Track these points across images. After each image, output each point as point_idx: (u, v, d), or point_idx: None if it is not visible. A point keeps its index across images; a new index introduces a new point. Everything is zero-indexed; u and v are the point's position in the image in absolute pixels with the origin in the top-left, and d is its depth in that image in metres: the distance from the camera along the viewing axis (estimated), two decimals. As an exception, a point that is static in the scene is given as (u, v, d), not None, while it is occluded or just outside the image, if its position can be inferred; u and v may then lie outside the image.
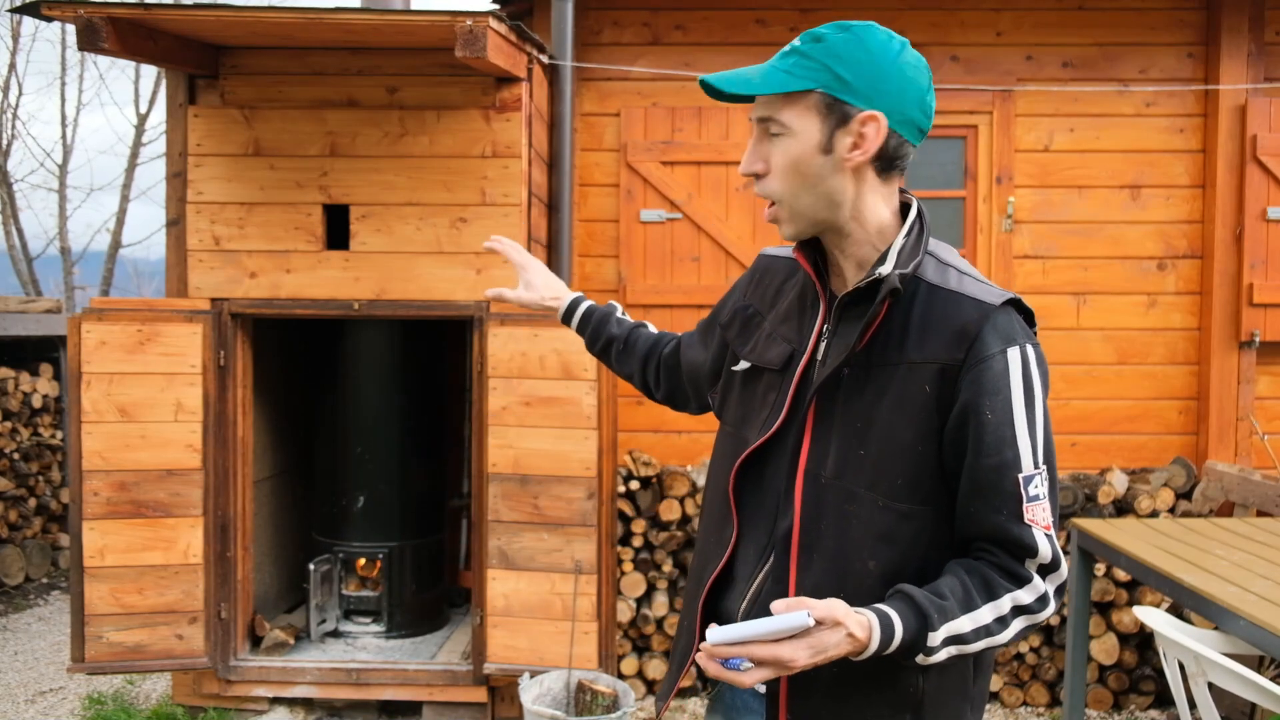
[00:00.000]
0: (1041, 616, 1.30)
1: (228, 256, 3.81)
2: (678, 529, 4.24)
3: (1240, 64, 4.37)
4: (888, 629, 1.21)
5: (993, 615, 1.27)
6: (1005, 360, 1.29)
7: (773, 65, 1.34)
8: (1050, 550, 1.28)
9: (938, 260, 1.38)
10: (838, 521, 1.34)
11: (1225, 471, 4.13)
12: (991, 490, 1.28)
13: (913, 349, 1.32)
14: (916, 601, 1.24)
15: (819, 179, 1.33)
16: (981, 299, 1.32)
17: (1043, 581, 1.29)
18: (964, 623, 1.25)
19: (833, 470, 1.35)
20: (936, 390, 1.30)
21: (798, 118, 1.31)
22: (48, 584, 6.04)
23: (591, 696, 3.53)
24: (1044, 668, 4.20)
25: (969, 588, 1.27)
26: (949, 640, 1.24)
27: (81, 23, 3.21)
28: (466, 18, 3.23)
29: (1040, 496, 1.29)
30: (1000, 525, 1.28)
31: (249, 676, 3.88)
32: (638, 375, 1.86)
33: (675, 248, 4.46)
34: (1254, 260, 4.34)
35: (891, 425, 1.32)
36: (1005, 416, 1.28)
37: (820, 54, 1.31)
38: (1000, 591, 1.27)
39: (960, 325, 1.31)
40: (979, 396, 1.28)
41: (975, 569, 1.29)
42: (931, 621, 1.22)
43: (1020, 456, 1.28)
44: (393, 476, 4.32)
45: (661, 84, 4.48)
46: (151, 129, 14.96)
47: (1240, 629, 2.51)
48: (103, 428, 3.66)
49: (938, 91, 4.41)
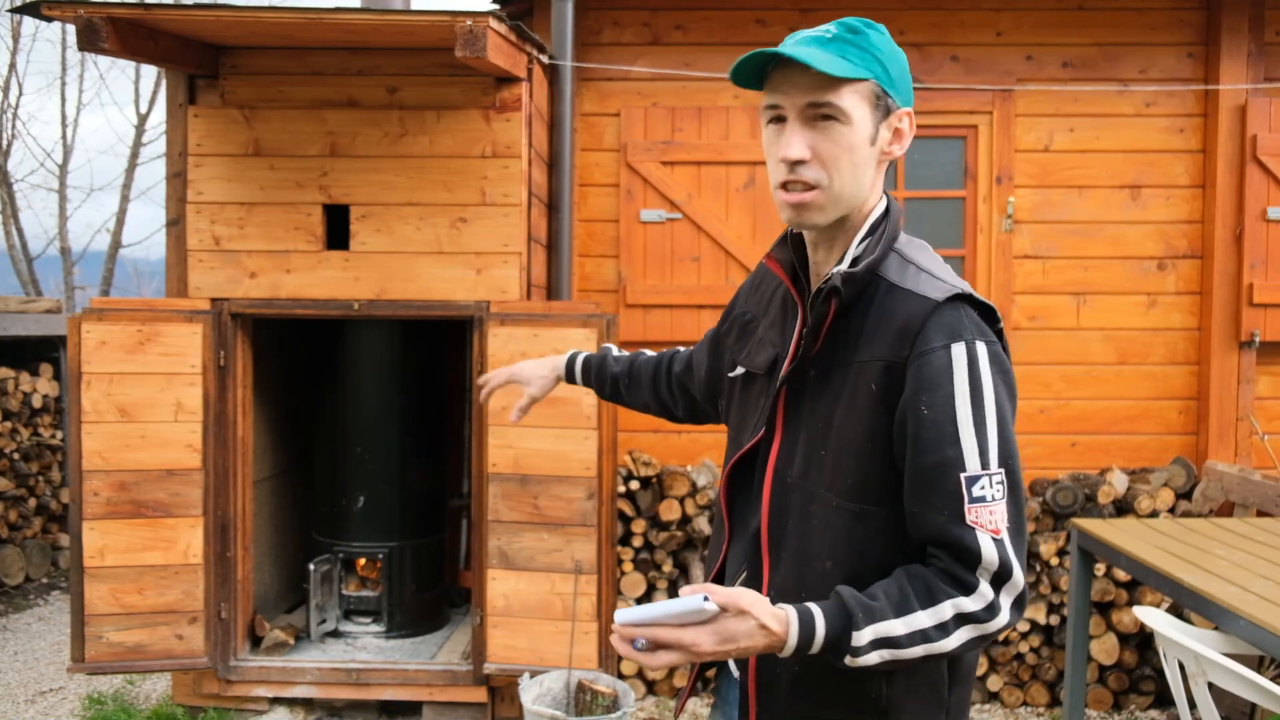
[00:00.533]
0: (991, 627, 1.23)
1: (228, 256, 3.81)
2: (678, 529, 4.24)
3: (1240, 64, 4.37)
4: (807, 625, 1.19)
5: (931, 621, 1.21)
6: (948, 355, 1.25)
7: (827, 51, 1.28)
8: (998, 557, 1.22)
9: (902, 257, 1.36)
10: (801, 521, 1.35)
11: (1225, 471, 4.13)
12: (931, 489, 1.24)
13: (863, 348, 1.32)
14: (844, 600, 1.22)
15: (863, 168, 1.33)
16: (926, 294, 1.29)
17: (992, 590, 1.23)
18: (896, 625, 1.20)
19: (799, 470, 1.36)
20: (883, 388, 1.29)
21: (854, 105, 1.30)
22: (48, 584, 6.04)
23: (591, 696, 3.53)
24: (1044, 668, 4.20)
25: (906, 591, 1.23)
26: (877, 642, 1.20)
27: (81, 23, 3.21)
28: (466, 18, 3.23)
29: (988, 499, 1.22)
30: (941, 526, 1.23)
31: (249, 676, 3.88)
32: (653, 401, 1.86)
33: (675, 248, 4.46)
34: (1254, 260, 4.34)
35: (844, 425, 1.31)
36: (946, 413, 1.24)
37: (868, 46, 1.31)
38: (941, 597, 1.22)
39: (904, 321, 1.29)
40: (918, 392, 1.26)
41: (918, 573, 1.25)
42: (856, 620, 1.20)
43: (963, 455, 1.23)
44: (393, 476, 4.32)
45: (661, 84, 4.48)
46: (151, 129, 14.97)
47: (1240, 629, 2.51)
48: (103, 428, 3.66)
49: (938, 92, 4.43)
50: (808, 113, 1.30)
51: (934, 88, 4.44)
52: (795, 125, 1.31)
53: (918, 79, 4.44)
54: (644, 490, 4.23)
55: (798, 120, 1.31)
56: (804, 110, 1.30)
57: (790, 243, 1.46)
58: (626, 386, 1.88)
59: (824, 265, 1.41)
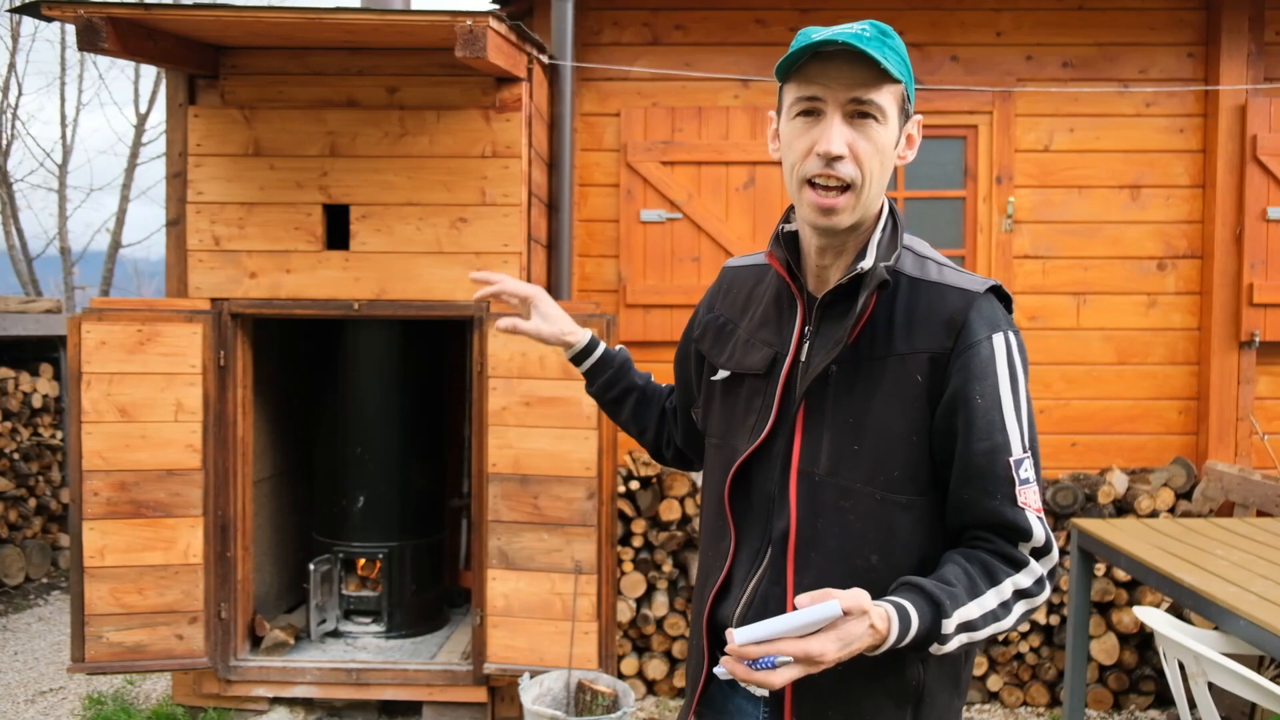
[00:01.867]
0: (1039, 600, 1.31)
1: (228, 256, 3.81)
2: (678, 529, 4.24)
3: (1240, 64, 4.37)
4: (905, 620, 1.21)
5: (997, 601, 1.28)
6: (991, 346, 1.31)
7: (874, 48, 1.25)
8: (1043, 532, 1.30)
9: (915, 254, 1.39)
10: (835, 518, 1.34)
11: (1225, 471, 4.13)
12: (984, 475, 1.29)
13: (900, 341, 1.33)
14: (928, 591, 1.24)
15: (888, 171, 1.34)
16: (966, 287, 1.34)
17: (1037, 564, 1.31)
18: (972, 609, 1.26)
19: (826, 468, 1.35)
20: (928, 380, 1.31)
21: (890, 106, 1.31)
22: (48, 584, 6.04)
23: (591, 696, 3.53)
24: (1044, 668, 4.20)
25: (972, 575, 1.27)
26: (961, 627, 1.25)
27: (81, 23, 3.21)
28: (466, 18, 3.23)
29: (1030, 480, 1.30)
30: (995, 509, 1.29)
31: (249, 676, 3.88)
32: (651, 429, 1.78)
33: (675, 248, 4.46)
34: (1254, 260, 4.34)
35: (885, 418, 1.32)
36: (994, 401, 1.29)
37: (898, 49, 1.30)
38: (1001, 576, 1.28)
39: (948, 314, 1.32)
40: (968, 382, 1.29)
41: (974, 556, 1.29)
42: (945, 609, 1.23)
43: (1010, 440, 1.29)
44: (393, 476, 4.32)
45: (661, 84, 4.48)
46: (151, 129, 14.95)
47: (1240, 629, 2.51)
48: (103, 428, 3.66)
49: (938, 92, 4.43)
50: (849, 108, 1.28)
51: (934, 88, 4.44)
52: (836, 119, 1.28)
53: (918, 79, 4.44)
54: (644, 490, 4.24)
55: (838, 114, 1.29)
56: (846, 105, 1.28)
57: (784, 242, 1.45)
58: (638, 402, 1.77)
59: (831, 267, 1.40)
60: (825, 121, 1.29)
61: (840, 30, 1.26)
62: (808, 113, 1.30)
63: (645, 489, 4.24)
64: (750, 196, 4.41)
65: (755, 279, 1.54)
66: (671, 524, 4.23)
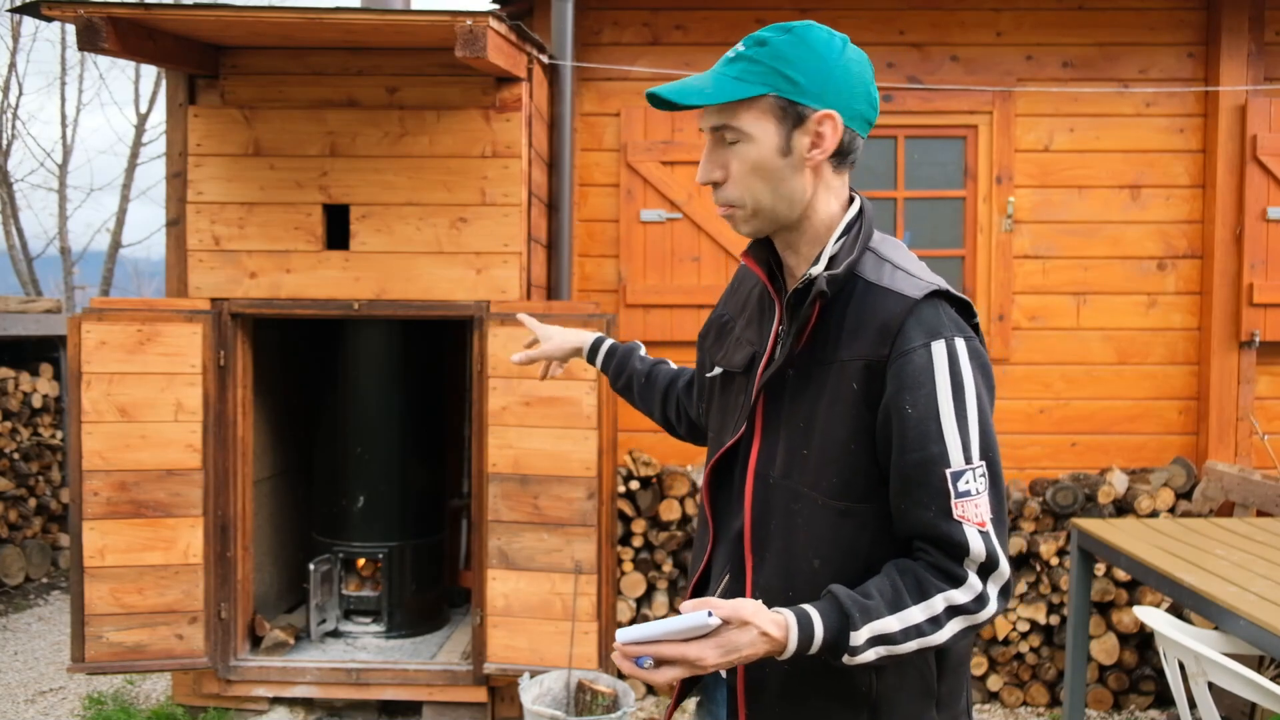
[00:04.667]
0: (981, 617, 1.26)
1: (228, 256, 3.81)
2: (678, 529, 4.24)
3: (1240, 64, 4.37)
4: (806, 628, 1.21)
5: (924, 615, 1.24)
6: (929, 353, 1.27)
7: (720, 73, 1.33)
8: (985, 548, 1.25)
9: (878, 256, 1.37)
10: (785, 521, 1.36)
11: (1225, 471, 4.13)
12: (918, 486, 1.26)
13: (843, 347, 1.32)
14: (840, 601, 1.23)
15: (780, 180, 1.34)
16: (904, 293, 1.30)
17: (980, 581, 1.26)
18: (891, 622, 1.23)
19: (780, 470, 1.36)
20: (864, 387, 1.30)
21: (754, 123, 1.32)
22: (48, 584, 6.04)
23: (591, 696, 3.53)
24: (1044, 668, 4.20)
25: (899, 587, 1.25)
26: (875, 640, 1.22)
27: (81, 23, 3.21)
28: (466, 18, 3.23)
29: (972, 492, 1.25)
30: (929, 522, 1.25)
31: (249, 676, 3.88)
32: (658, 410, 1.84)
33: (675, 248, 4.46)
34: (1254, 260, 4.34)
35: (827, 424, 1.32)
36: (930, 410, 1.26)
37: (768, 57, 1.31)
38: (932, 591, 1.25)
39: (883, 321, 1.30)
40: (900, 391, 1.27)
41: (908, 568, 1.27)
42: (853, 621, 1.21)
43: (948, 451, 1.25)
44: (393, 476, 4.32)
45: (662, 84, 4.47)
46: (151, 129, 14.96)
47: (1240, 629, 2.51)
48: (103, 428, 3.66)
49: (938, 91, 4.43)
50: (716, 135, 1.36)
51: (934, 88, 4.44)
52: (708, 148, 1.37)
53: (917, 79, 4.44)
54: (644, 490, 4.23)
55: (711, 142, 1.37)
56: (714, 133, 1.36)
57: (766, 242, 1.46)
58: (642, 386, 1.85)
59: (797, 267, 1.42)
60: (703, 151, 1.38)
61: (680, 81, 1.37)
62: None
63: (645, 489, 4.24)
64: (750, 196, 4.40)
65: (755, 277, 1.55)
66: (671, 524, 4.23)
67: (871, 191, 4.43)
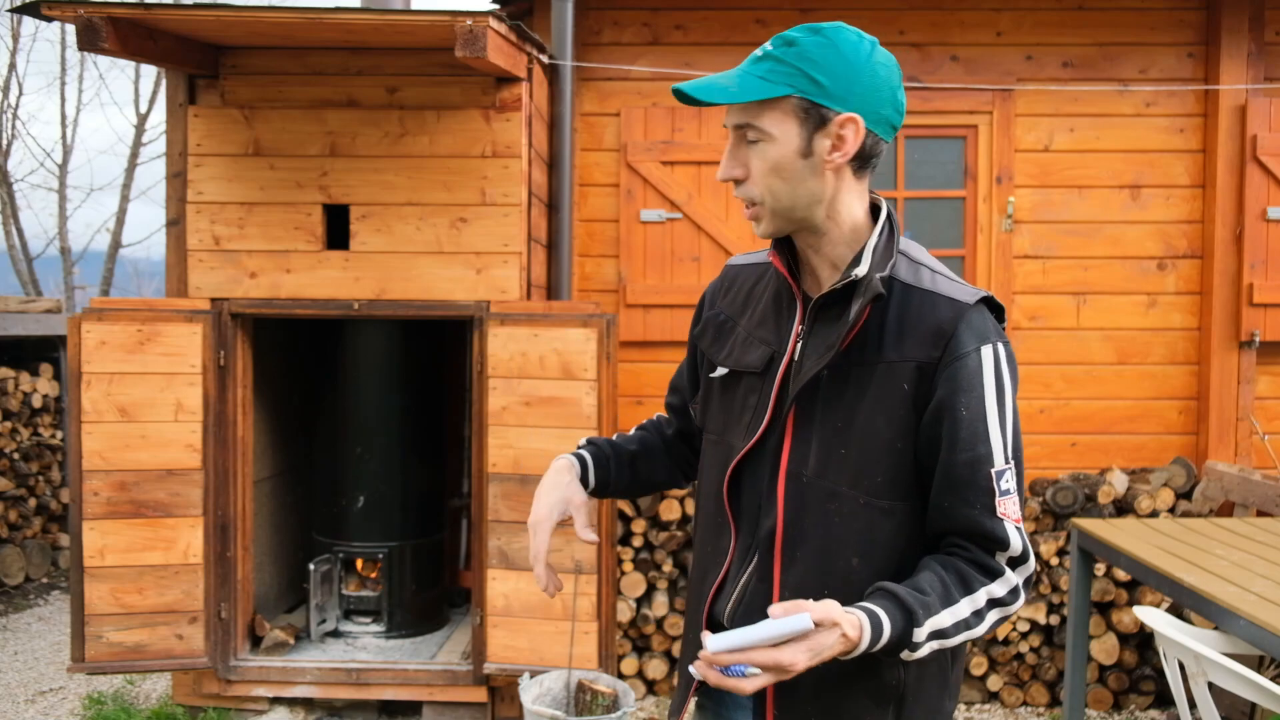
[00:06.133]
0: (1013, 608, 1.33)
1: (228, 256, 3.81)
2: (678, 529, 4.24)
3: (1240, 64, 4.37)
4: (877, 627, 1.23)
5: (970, 609, 1.29)
6: (979, 358, 1.32)
7: (746, 71, 1.33)
8: (1020, 543, 1.32)
9: (909, 259, 1.40)
10: (820, 520, 1.37)
11: (1225, 471, 4.13)
12: (965, 485, 1.31)
13: (890, 348, 1.34)
14: (901, 599, 1.26)
15: (800, 181, 1.34)
16: (956, 298, 1.35)
17: (1013, 574, 1.32)
18: (945, 617, 1.27)
19: (814, 470, 1.37)
20: (914, 388, 1.33)
21: (776, 123, 1.32)
22: (48, 584, 6.04)
23: (591, 696, 3.52)
24: (1044, 668, 4.19)
25: (947, 583, 1.29)
26: (932, 635, 1.26)
27: (81, 23, 3.21)
28: (466, 18, 3.23)
29: (1011, 490, 1.32)
30: (974, 519, 1.30)
31: (249, 676, 3.88)
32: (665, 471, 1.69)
33: (675, 248, 4.46)
34: (1254, 260, 4.34)
35: (871, 424, 1.34)
36: (979, 413, 1.31)
37: (794, 58, 1.31)
38: (976, 585, 1.30)
39: (936, 324, 1.33)
40: (955, 393, 1.31)
41: (950, 564, 1.31)
42: (917, 618, 1.25)
43: (993, 451, 1.31)
44: (393, 476, 4.32)
45: (661, 84, 4.48)
46: (151, 129, 14.96)
47: (1240, 629, 2.51)
48: (103, 428, 3.66)
49: (938, 91, 4.43)
50: (739, 133, 1.36)
51: (934, 88, 4.44)
52: (730, 145, 1.37)
53: (917, 79, 4.44)
54: (644, 490, 4.23)
55: (734, 139, 1.37)
56: (736, 131, 1.36)
57: (787, 243, 1.46)
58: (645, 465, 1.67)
59: (820, 268, 1.42)
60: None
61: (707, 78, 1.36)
62: None
63: (645, 489, 4.24)
64: (750, 196, 4.40)
65: (756, 277, 1.55)
66: (671, 524, 4.23)
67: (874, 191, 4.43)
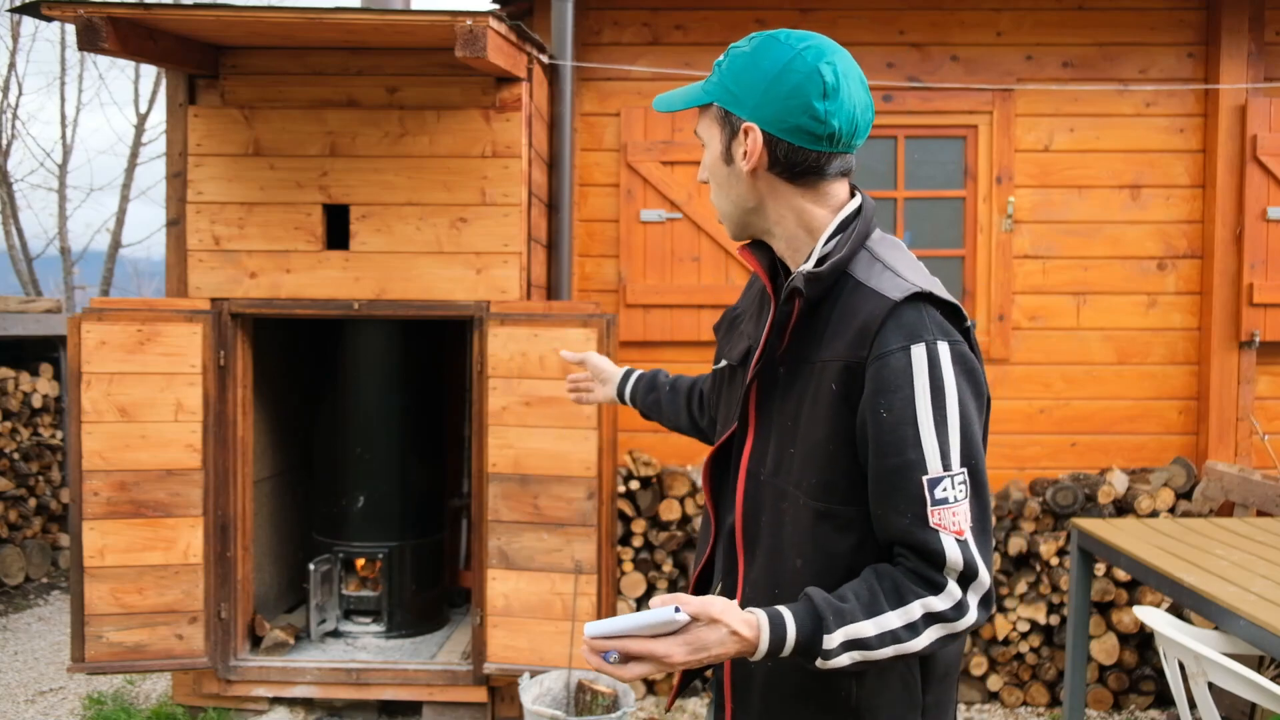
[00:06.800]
0: (960, 625, 1.23)
1: (228, 256, 3.81)
2: (678, 529, 4.24)
3: (1240, 64, 4.37)
4: (778, 629, 1.19)
5: (901, 621, 1.21)
6: (907, 357, 1.24)
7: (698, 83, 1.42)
8: (962, 557, 1.22)
9: (871, 255, 1.35)
10: (772, 519, 1.36)
11: (1225, 471, 4.13)
12: (893, 492, 1.24)
13: (825, 346, 1.31)
14: (814, 603, 1.21)
15: (727, 186, 1.40)
16: (885, 293, 1.27)
17: (960, 590, 1.23)
18: (866, 627, 1.20)
19: (770, 468, 1.37)
20: (844, 389, 1.28)
21: (706, 129, 1.41)
22: (48, 584, 6.04)
23: (591, 696, 3.53)
24: (1044, 668, 4.19)
25: (876, 591, 1.22)
26: (848, 644, 1.20)
27: (81, 23, 3.21)
28: (466, 18, 3.23)
29: (950, 500, 1.22)
30: (906, 529, 1.23)
31: (249, 676, 3.88)
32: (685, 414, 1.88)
33: (675, 248, 4.46)
34: (1254, 260, 4.34)
35: (809, 424, 1.32)
36: (906, 415, 1.22)
37: (723, 68, 1.38)
38: (910, 597, 1.22)
39: (862, 322, 1.27)
40: (877, 394, 1.24)
41: (887, 573, 1.24)
42: (826, 624, 1.19)
43: (925, 458, 1.22)
44: (393, 476, 4.32)
45: (662, 84, 4.48)
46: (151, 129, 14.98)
47: (1240, 629, 2.51)
48: (103, 428, 3.66)
49: (938, 91, 4.43)
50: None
51: (934, 87, 4.44)
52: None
53: (917, 79, 4.44)
54: (644, 490, 4.23)
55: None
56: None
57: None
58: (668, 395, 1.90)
59: (792, 264, 1.42)
60: None
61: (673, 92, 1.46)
62: None
63: (645, 489, 4.24)
64: (750, 196, 4.41)
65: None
66: (671, 524, 4.23)
67: (872, 191, 4.42)
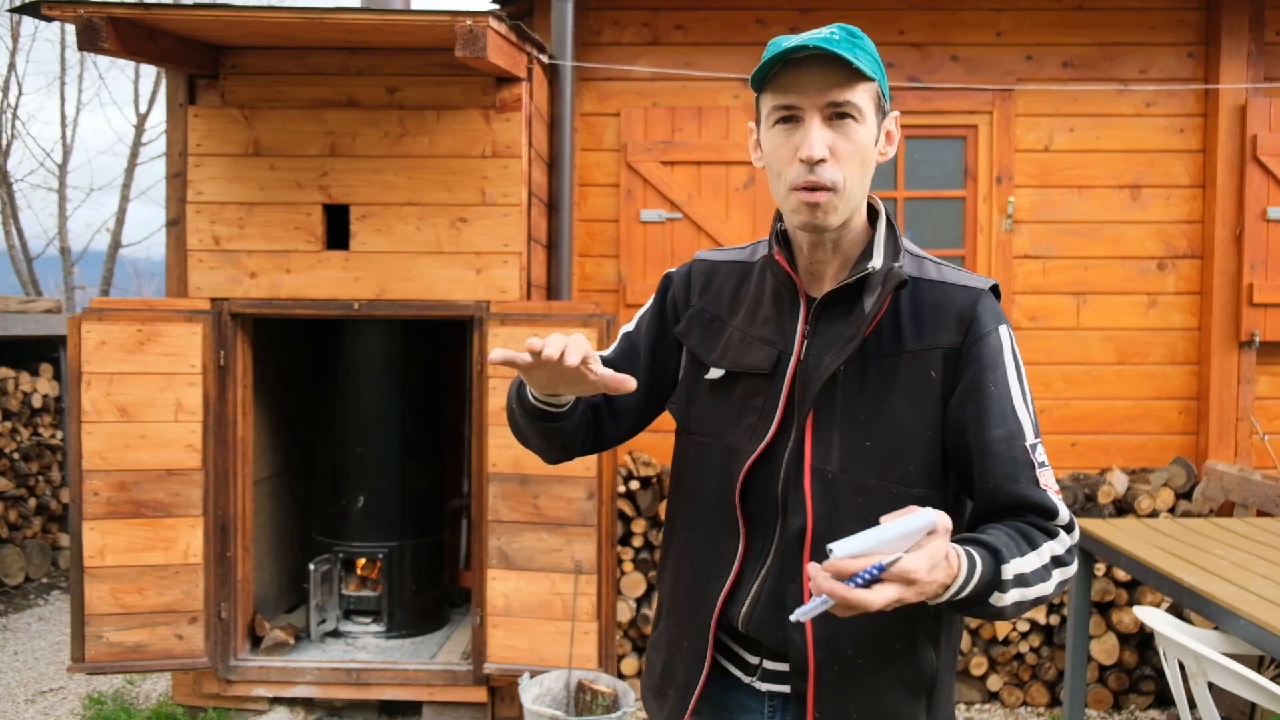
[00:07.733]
0: (1071, 570, 1.33)
1: (228, 256, 3.81)
2: (678, 529, 4.23)
3: (1240, 64, 4.37)
4: (971, 561, 1.20)
5: (1039, 563, 1.28)
6: (998, 337, 1.36)
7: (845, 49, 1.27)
8: (1066, 511, 1.34)
9: (910, 254, 1.43)
10: (851, 514, 1.36)
11: (1225, 471, 4.13)
12: (1005, 460, 1.33)
13: (910, 339, 1.37)
14: (984, 541, 1.24)
15: (869, 169, 1.36)
16: (971, 285, 1.40)
17: (1069, 538, 1.34)
18: (1028, 561, 1.26)
19: (839, 465, 1.37)
20: (941, 375, 1.36)
21: (866, 105, 1.33)
22: (48, 584, 6.04)
23: (591, 696, 3.53)
24: (1044, 668, 4.19)
25: (1014, 537, 1.28)
26: (1016, 580, 1.24)
27: (81, 23, 3.21)
28: (466, 18, 3.23)
29: (1046, 463, 1.35)
30: (1022, 493, 1.32)
31: (249, 676, 3.88)
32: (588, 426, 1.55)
33: (675, 248, 4.45)
34: (1254, 260, 4.34)
35: (899, 414, 1.36)
36: (1005, 389, 1.35)
37: (869, 48, 1.33)
38: (1040, 541, 1.30)
39: (957, 311, 1.37)
40: (982, 371, 1.34)
41: (1012, 525, 1.31)
42: (1003, 555, 1.23)
43: (1023, 426, 1.34)
44: (393, 476, 4.32)
45: (661, 84, 4.48)
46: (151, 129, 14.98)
47: (1240, 629, 2.51)
48: (103, 428, 3.66)
49: (938, 91, 4.43)
50: (826, 111, 1.30)
51: (934, 87, 4.44)
52: (816, 124, 1.30)
53: (917, 79, 4.45)
54: (644, 490, 4.23)
55: (817, 118, 1.31)
56: (823, 109, 1.30)
57: (781, 241, 1.45)
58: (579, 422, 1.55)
59: (826, 265, 1.41)
60: (805, 127, 1.31)
61: (810, 36, 1.29)
62: (786, 119, 1.33)
63: (645, 489, 4.24)
64: (750, 196, 4.41)
65: (739, 277, 1.52)
66: (671, 524, 4.23)
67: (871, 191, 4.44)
